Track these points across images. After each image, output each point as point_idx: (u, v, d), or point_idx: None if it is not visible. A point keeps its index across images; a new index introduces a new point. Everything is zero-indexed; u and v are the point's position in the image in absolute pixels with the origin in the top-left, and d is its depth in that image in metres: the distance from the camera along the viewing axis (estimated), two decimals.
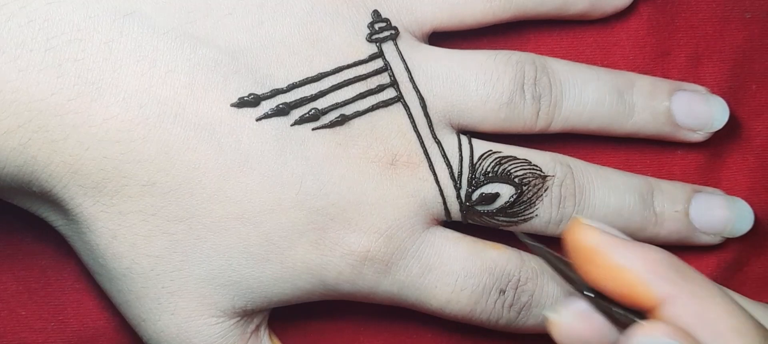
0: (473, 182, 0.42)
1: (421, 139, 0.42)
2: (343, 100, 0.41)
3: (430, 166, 0.42)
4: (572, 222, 0.38)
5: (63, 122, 0.39)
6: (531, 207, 0.43)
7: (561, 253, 0.39)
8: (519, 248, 0.44)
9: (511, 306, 0.43)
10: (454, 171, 0.42)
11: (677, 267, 0.36)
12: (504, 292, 0.43)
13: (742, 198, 0.46)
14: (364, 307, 0.45)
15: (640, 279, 0.36)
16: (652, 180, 0.45)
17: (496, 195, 0.43)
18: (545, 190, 0.43)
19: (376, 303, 0.43)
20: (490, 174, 0.43)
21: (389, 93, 0.42)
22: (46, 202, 0.42)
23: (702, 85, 0.46)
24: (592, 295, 0.37)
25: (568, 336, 0.38)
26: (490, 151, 0.43)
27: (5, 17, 0.38)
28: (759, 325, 0.35)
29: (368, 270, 0.42)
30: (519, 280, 0.43)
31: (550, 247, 0.45)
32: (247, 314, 0.43)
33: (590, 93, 0.44)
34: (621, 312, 0.36)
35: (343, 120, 0.41)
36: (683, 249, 0.46)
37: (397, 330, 0.47)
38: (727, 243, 0.46)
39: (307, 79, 0.41)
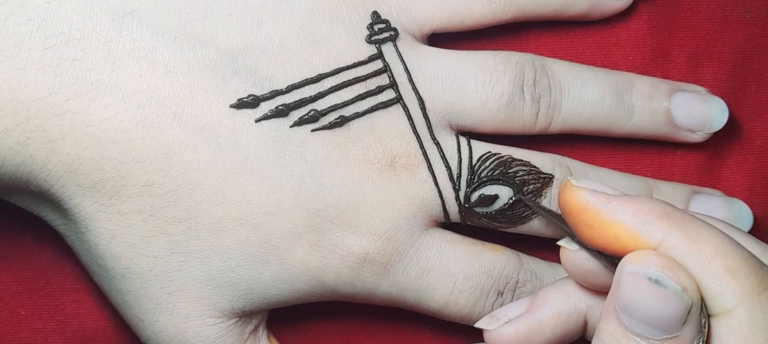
0: (472, 183, 0.42)
1: (421, 140, 0.42)
2: (343, 101, 0.41)
3: (429, 168, 0.42)
4: (563, 185, 0.38)
5: (61, 122, 0.39)
6: (530, 209, 0.43)
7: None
8: (517, 250, 0.44)
9: None
10: (453, 172, 0.42)
11: (667, 213, 0.36)
12: (502, 294, 0.43)
13: (742, 198, 0.46)
14: (363, 308, 0.45)
15: (631, 231, 0.36)
16: (651, 182, 0.45)
17: (495, 197, 0.43)
18: (544, 192, 0.43)
19: (375, 304, 0.43)
20: (490, 176, 0.43)
21: (388, 94, 0.42)
22: (45, 202, 0.42)
23: (702, 85, 0.46)
24: (590, 249, 0.38)
25: (574, 265, 0.39)
26: (490, 152, 0.43)
27: (4, 15, 0.38)
28: (753, 259, 0.35)
29: (367, 272, 0.42)
30: (517, 282, 0.43)
31: (549, 250, 0.45)
32: (245, 315, 0.43)
33: (590, 94, 0.44)
34: (618, 260, 0.36)
35: (342, 121, 0.41)
36: None
37: (397, 330, 0.47)
38: None
39: (306, 80, 0.41)
